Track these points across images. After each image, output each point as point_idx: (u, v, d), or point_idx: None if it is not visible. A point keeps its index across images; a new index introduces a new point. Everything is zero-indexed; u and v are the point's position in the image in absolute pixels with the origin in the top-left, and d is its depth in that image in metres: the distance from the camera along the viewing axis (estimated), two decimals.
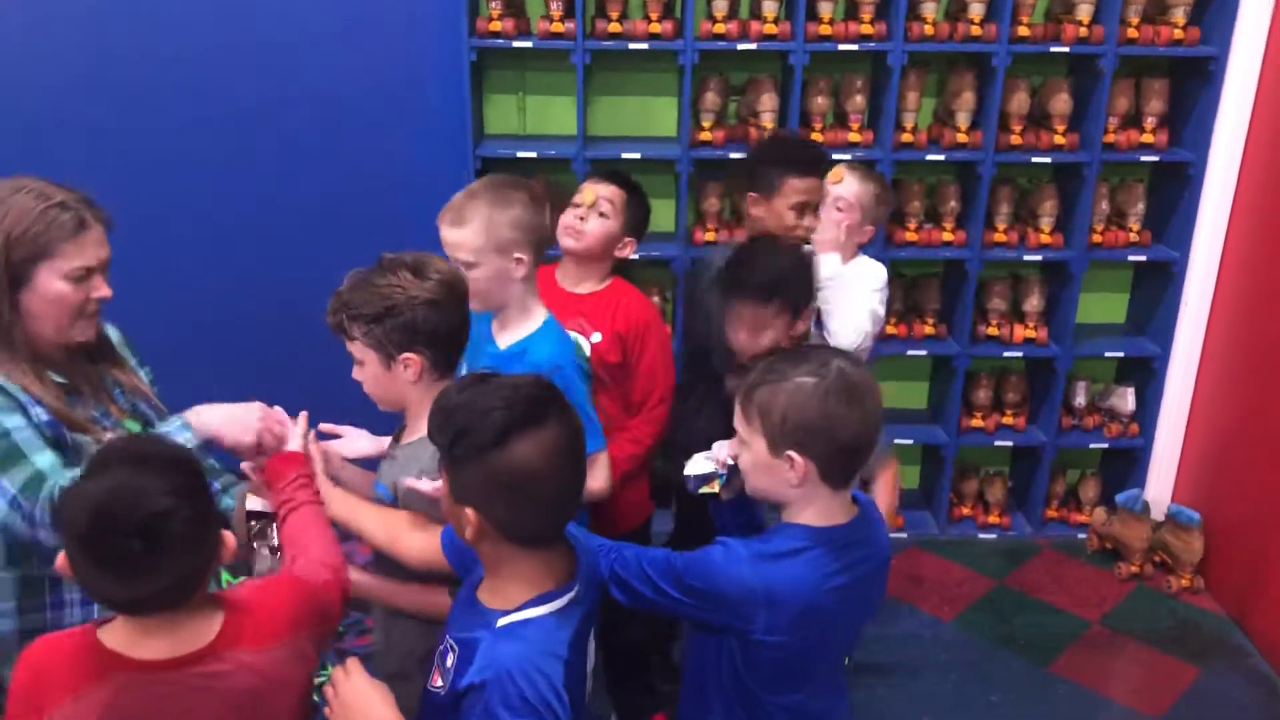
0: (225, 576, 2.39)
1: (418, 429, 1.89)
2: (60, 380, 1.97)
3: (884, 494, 2.91)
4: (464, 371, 2.02)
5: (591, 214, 2.71)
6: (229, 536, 1.53)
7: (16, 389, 1.89)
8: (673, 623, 2.94)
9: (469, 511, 1.55)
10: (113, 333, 2.16)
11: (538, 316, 2.33)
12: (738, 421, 1.79)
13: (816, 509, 1.76)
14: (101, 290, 1.95)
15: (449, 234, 2.28)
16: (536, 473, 1.51)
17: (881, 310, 2.87)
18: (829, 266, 2.81)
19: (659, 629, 3.09)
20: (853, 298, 2.78)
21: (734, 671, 1.80)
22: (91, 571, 1.42)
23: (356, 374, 1.97)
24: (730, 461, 1.85)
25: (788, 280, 2.48)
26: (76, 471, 1.62)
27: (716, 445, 1.89)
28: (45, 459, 1.86)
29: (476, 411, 1.52)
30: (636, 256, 3.00)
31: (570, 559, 1.64)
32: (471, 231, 2.24)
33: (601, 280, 2.76)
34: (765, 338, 2.45)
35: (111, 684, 1.44)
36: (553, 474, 1.53)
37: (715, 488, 1.88)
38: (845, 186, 2.85)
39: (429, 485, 1.82)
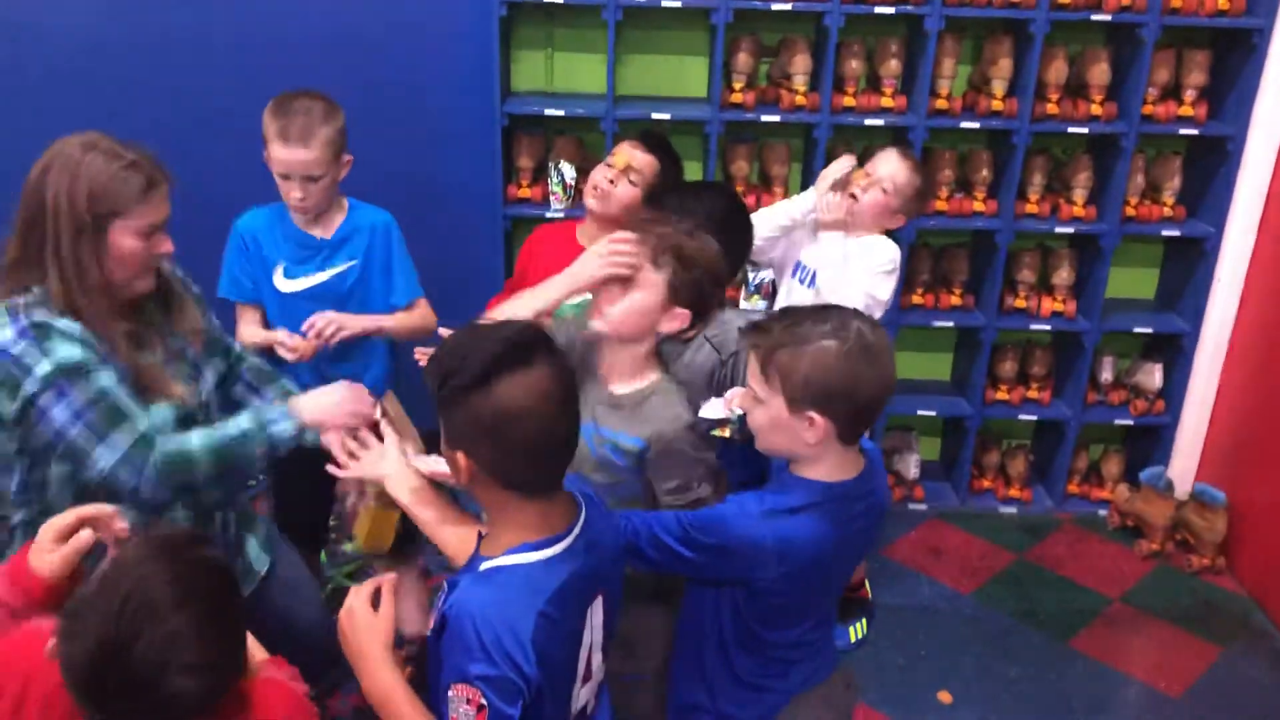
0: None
1: None
2: (128, 328, 2.04)
3: None
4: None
5: (622, 178, 2.68)
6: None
7: (96, 341, 1.96)
8: None
9: (459, 455, 1.54)
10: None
11: (344, 202, 2.78)
12: (753, 379, 1.80)
13: (828, 465, 1.81)
14: (165, 245, 2.04)
15: (299, 154, 2.55)
16: (520, 414, 1.48)
17: (884, 293, 2.81)
18: (831, 246, 2.79)
19: None
20: (849, 277, 2.75)
21: (735, 611, 1.86)
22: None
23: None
24: (740, 410, 1.87)
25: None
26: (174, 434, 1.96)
27: (730, 392, 1.93)
28: (145, 420, 1.97)
29: (461, 354, 1.51)
30: None
31: (569, 513, 1.61)
32: (320, 148, 2.57)
33: None
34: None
35: None
36: (537, 417, 1.49)
37: (727, 432, 1.92)
38: (894, 171, 2.82)
39: (428, 465, 1.83)
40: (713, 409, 1.94)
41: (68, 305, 1.93)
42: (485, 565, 1.55)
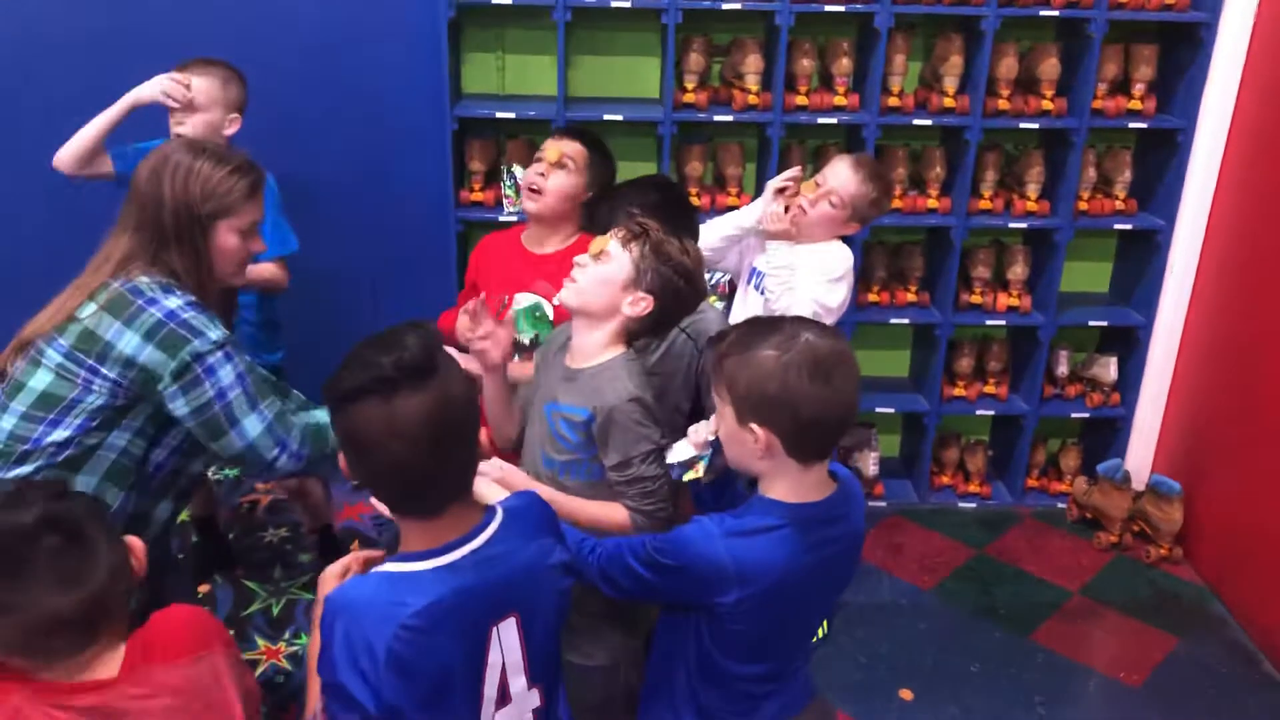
0: None
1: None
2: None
3: None
4: None
5: (554, 170, 2.66)
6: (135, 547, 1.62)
7: None
8: None
9: (340, 456, 1.57)
10: None
11: None
12: (713, 389, 1.78)
13: (788, 483, 1.75)
14: (259, 244, 2.24)
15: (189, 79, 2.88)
16: (371, 444, 1.47)
17: (833, 300, 2.73)
18: (778, 255, 2.75)
19: None
20: (797, 284, 2.70)
21: (700, 643, 1.80)
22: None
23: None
24: (709, 439, 1.84)
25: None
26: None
27: (692, 429, 1.88)
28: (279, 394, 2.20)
29: (344, 366, 1.50)
30: None
31: (465, 528, 1.56)
32: (206, 82, 2.90)
33: (566, 239, 2.69)
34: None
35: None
36: (389, 450, 1.46)
37: (699, 471, 1.86)
38: (844, 182, 2.77)
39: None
40: (680, 451, 1.89)
41: (195, 290, 2.10)
42: (373, 569, 1.55)
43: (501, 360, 2.18)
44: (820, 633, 3.40)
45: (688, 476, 1.88)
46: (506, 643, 1.58)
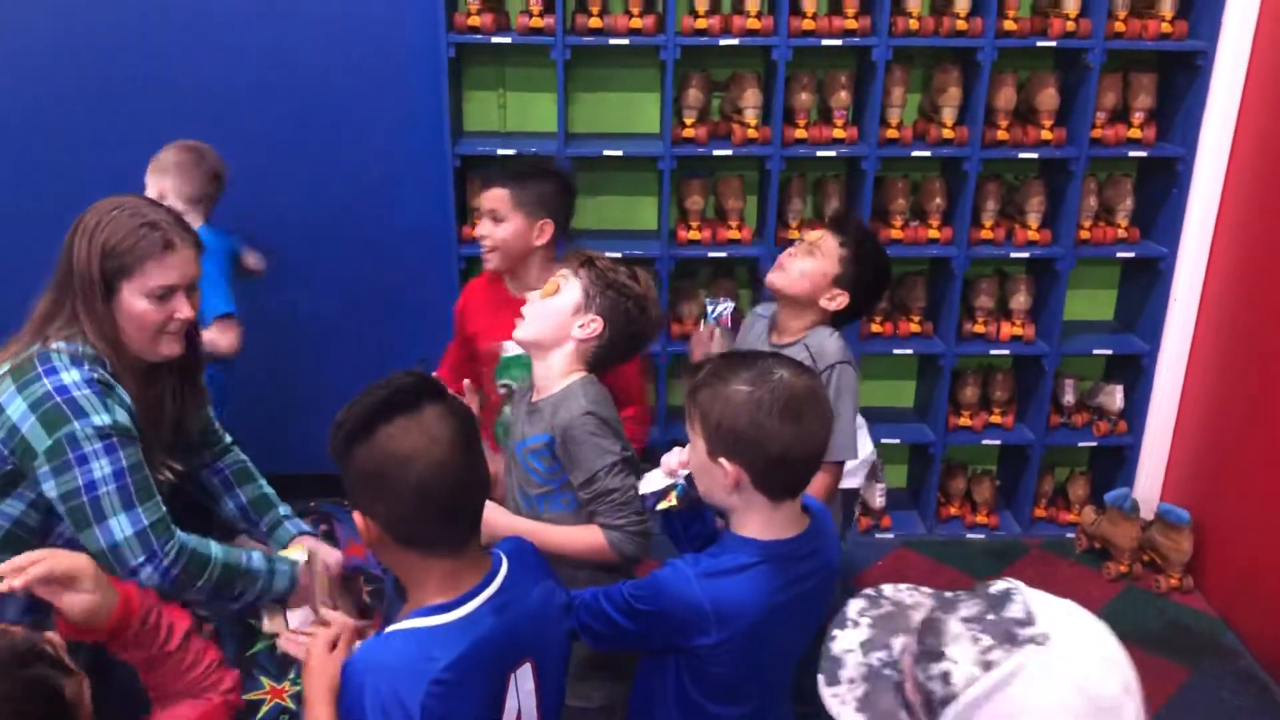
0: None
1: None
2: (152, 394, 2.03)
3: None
4: None
5: (487, 222, 2.73)
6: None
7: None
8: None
9: (357, 514, 1.52)
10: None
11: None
12: (687, 419, 1.78)
13: (760, 520, 1.74)
14: (184, 311, 1.99)
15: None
16: (404, 459, 1.45)
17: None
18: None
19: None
20: None
21: (679, 685, 1.79)
22: None
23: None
24: (679, 468, 1.83)
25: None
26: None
27: (665, 457, 1.87)
28: (163, 505, 1.94)
29: (351, 406, 1.50)
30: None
31: (481, 573, 1.56)
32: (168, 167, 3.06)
33: (543, 274, 2.68)
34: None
35: None
36: (424, 461, 1.45)
37: (673, 500, 1.85)
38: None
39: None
40: (653, 480, 1.89)
41: (106, 359, 1.93)
42: (391, 628, 1.52)
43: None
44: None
45: (662, 505, 1.87)
46: (523, 689, 1.59)
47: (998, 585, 1.17)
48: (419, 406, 1.47)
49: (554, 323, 2.07)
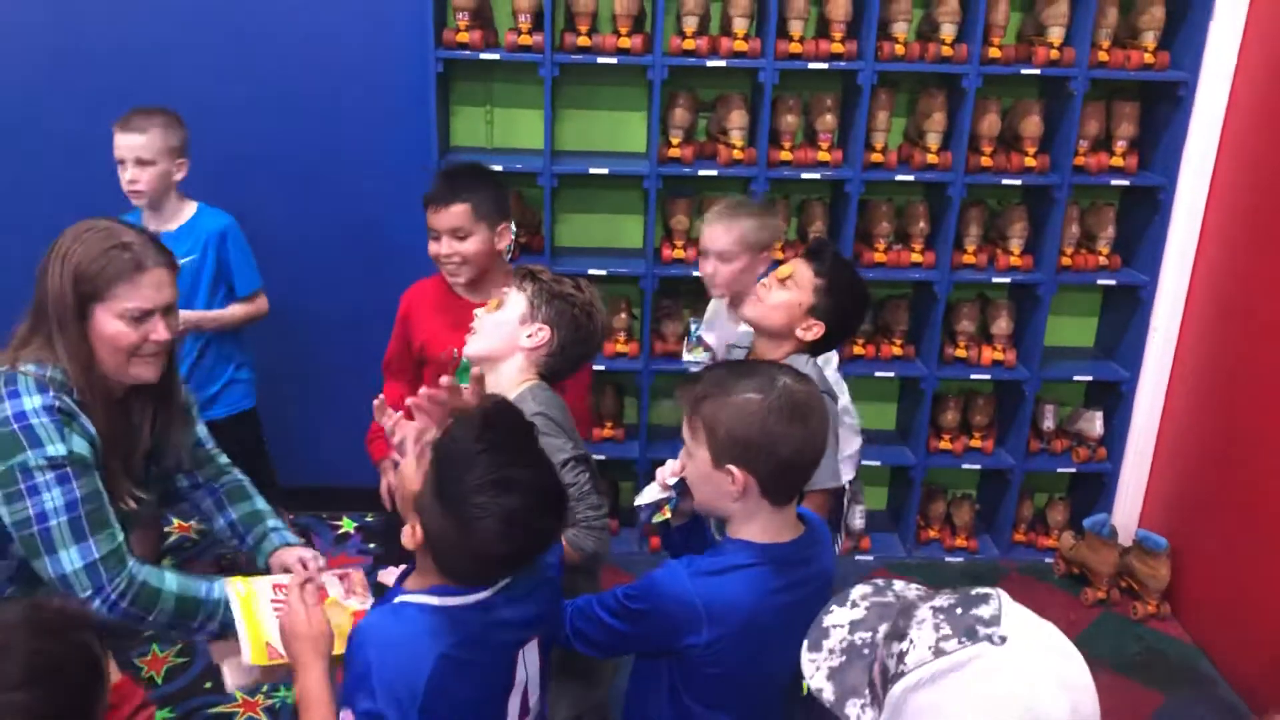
0: None
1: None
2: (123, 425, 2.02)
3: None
4: None
5: (449, 240, 2.75)
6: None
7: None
8: None
9: (415, 526, 1.56)
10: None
11: (192, 205, 3.19)
12: (685, 431, 1.80)
13: (759, 525, 1.78)
14: (159, 333, 1.97)
15: (133, 139, 3.01)
16: (485, 539, 1.50)
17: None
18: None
19: None
20: None
21: (673, 692, 1.81)
22: None
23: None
24: (672, 480, 1.85)
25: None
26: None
27: (659, 470, 1.89)
28: (120, 535, 1.92)
29: (464, 461, 1.52)
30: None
31: None
32: (150, 135, 3.02)
33: (505, 281, 2.70)
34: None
35: None
36: (500, 541, 1.51)
37: (667, 513, 1.88)
38: (712, 237, 2.81)
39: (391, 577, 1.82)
40: (648, 494, 1.91)
41: (79, 386, 1.92)
42: (401, 598, 1.58)
43: None
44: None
45: (656, 518, 1.90)
46: (529, 661, 1.67)
47: (983, 589, 1.23)
48: (512, 489, 1.53)
49: (503, 334, 2.12)
